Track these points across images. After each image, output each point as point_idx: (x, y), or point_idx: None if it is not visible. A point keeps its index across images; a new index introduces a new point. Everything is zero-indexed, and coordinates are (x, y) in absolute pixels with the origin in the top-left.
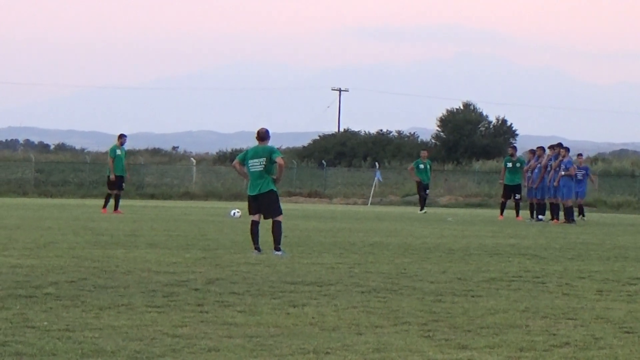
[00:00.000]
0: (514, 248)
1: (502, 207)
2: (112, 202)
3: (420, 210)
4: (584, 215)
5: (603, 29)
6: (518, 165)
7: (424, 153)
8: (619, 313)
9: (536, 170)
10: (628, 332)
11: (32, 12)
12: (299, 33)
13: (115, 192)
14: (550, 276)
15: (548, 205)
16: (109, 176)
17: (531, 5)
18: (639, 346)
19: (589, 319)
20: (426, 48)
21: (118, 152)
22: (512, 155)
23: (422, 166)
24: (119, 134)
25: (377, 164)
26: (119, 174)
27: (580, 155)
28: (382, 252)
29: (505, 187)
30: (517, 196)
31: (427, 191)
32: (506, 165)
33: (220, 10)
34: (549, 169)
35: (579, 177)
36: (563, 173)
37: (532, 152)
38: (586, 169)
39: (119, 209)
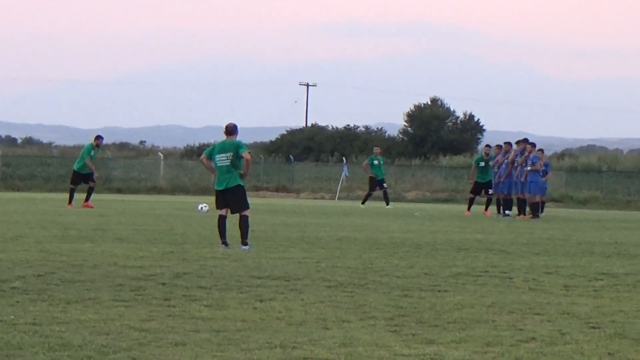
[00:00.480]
0: (480, 243)
1: (470, 203)
2: (77, 196)
3: (387, 204)
4: (542, 212)
5: (571, 26)
6: (491, 163)
7: (377, 149)
8: (585, 308)
9: (503, 166)
10: (594, 327)
11: None
12: (267, 28)
13: (76, 186)
14: (517, 271)
15: (515, 201)
16: (75, 171)
17: (499, 2)
18: (605, 341)
19: (555, 314)
20: (394, 44)
21: (92, 153)
22: (486, 154)
23: (376, 162)
24: (96, 135)
25: (344, 159)
26: (87, 172)
27: (541, 151)
28: (349, 246)
29: (476, 183)
30: (490, 191)
31: (385, 184)
32: (478, 164)
33: (188, 5)
34: (516, 164)
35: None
36: (529, 168)
37: (499, 147)
38: (547, 165)
39: (89, 202)
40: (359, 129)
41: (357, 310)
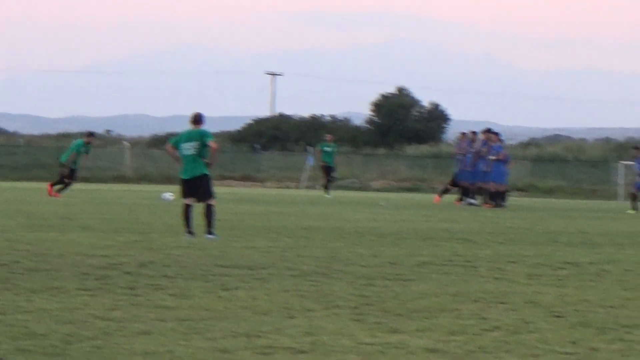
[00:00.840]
0: (445, 232)
1: (444, 192)
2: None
3: (326, 192)
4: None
5: (537, 16)
6: (455, 150)
7: (329, 136)
8: (549, 297)
9: (469, 155)
10: (558, 316)
11: None
12: (233, 17)
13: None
14: (482, 260)
15: (481, 190)
16: (64, 165)
17: None
18: (568, 330)
19: (519, 303)
20: (360, 33)
21: (82, 149)
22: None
23: (327, 149)
24: (88, 132)
25: (310, 148)
26: (76, 167)
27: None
28: (315, 236)
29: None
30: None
31: (333, 174)
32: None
33: None
34: (481, 154)
35: None
36: (493, 158)
37: (464, 134)
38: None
39: (60, 193)
40: (325, 118)
41: (321, 299)
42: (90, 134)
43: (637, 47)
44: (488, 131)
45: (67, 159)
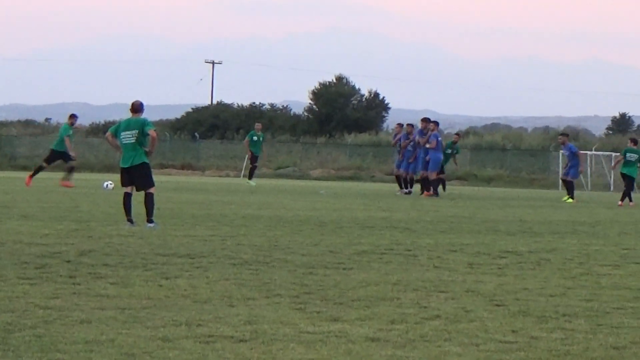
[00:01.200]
0: (385, 221)
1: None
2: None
3: (250, 180)
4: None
5: (476, 4)
6: (449, 152)
7: (258, 125)
8: (489, 286)
9: (409, 148)
10: (498, 305)
11: None
12: (173, 6)
13: (48, 165)
14: (422, 249)
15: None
16: (53, 150)
17: None
18: (508, 318)
19: (459, 292)
20: (300, 21)
21: (71, 132)
22: (454, 142)
23: (255, 138)
24: (70, 114)
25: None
26: (62, 150)
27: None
28: (255, 224)
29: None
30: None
31: (256, 163)
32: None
33: None
34: (420, 143)
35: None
36: (428, 146)
37: (400, 125)
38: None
39: (70, 181)
40: (264, 107)
41: (262, 288)
42: (73, 115)
43: (575, 38)
44: (427, 121)
45: (64, 145)
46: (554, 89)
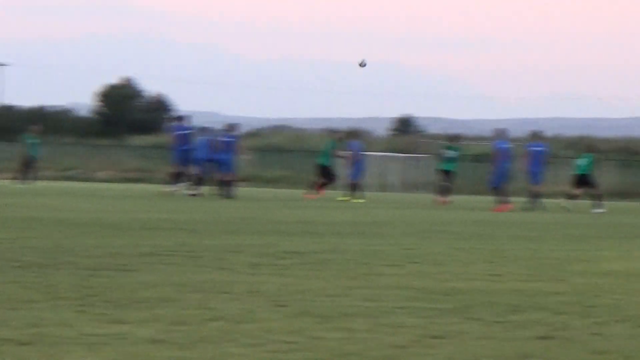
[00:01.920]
0: (170, 222)
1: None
2: None
3: (23, 182)
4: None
5: (260, 5)
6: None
7: (34, 128)
8: (272, 287)
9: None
10: (281, 306)
11: None
12: None
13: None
14: (206, 250)
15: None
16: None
17: None
18: (291, 319)
19: (242, 293)
20: (88, 23)
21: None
22: (339, 139)
23: (30, 141)
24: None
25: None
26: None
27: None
28: (38, 227)
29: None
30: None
31: (35, 164)
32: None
33: None
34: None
35: None
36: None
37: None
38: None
39: None
40: (50, 109)
41: (45, 291)
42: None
43: (364, 37)
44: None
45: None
46: (337, 90)
